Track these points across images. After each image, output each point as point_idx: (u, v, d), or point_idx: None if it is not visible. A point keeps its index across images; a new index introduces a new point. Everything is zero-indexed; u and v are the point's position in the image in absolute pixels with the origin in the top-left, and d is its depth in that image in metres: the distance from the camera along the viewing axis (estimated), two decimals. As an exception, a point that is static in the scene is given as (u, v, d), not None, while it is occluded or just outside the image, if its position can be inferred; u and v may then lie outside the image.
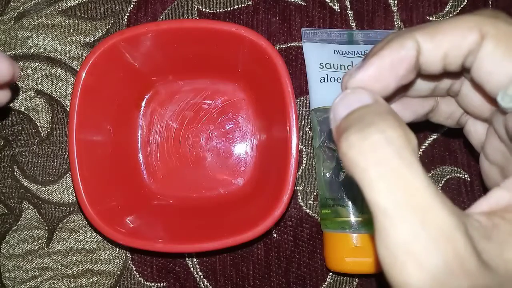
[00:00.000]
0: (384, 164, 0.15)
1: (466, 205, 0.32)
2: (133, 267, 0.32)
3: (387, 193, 0.15)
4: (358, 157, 0.15)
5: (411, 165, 0.15)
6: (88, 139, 0.29)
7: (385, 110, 0.17)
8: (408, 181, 0.15)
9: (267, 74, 0.29)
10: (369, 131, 0.16)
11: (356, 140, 0.16)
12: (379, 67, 0.18)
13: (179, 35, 0.29)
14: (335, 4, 0.33)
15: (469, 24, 0.17)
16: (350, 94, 0.18)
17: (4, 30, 0.33)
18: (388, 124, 0.16)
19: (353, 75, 0.19)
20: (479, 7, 0.33)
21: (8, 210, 0.32)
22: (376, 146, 0.15)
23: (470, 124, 0.23)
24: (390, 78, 0.18)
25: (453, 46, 0.18)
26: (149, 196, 0.32)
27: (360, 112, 0.17)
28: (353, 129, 0.16)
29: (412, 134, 0.16)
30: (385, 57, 0.18)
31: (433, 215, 0.14)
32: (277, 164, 0.29)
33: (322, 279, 0.32)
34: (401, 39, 0.18)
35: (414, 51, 0.18)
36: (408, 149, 0.15)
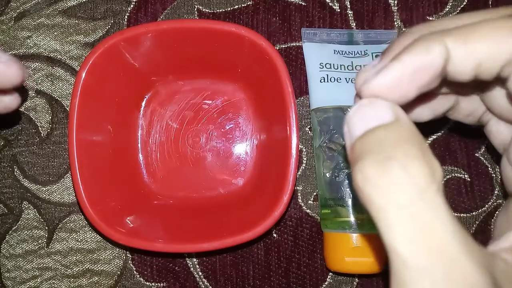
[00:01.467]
0: (404, 206, 0.13)
1: (466, 205, 0.32)
2: (133, 267, 0.32)
3: (408, 242, 0.13)
4: (375, 195, 0.14)
5: (436, 208, 0.13)
6: (88, 139, 0.29)
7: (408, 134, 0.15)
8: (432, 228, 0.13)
9: (267, 74, 0.29)
10: (389, 166, 0.14)
11: (373, 175, 0.14)
12: (400, 73, 0.16)
13: (179, 35, 0.29)
14: (335, 4, 0.33)
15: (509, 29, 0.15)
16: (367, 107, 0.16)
17: (4, 30, 0.33)
18: (410, 156, 0.14)
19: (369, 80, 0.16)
20: (479, 7, 0.33)
21: (8, 210, 0.32)
22: (396, 186, 0.14)
23: (492, 124, 0.21)
24: (411, 86, 0.16)
25: (489, 54, 0.15)
26: (149, 196, 0.32)
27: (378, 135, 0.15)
28: (369, 159, 0.14)
29: (438, 165, 0.14)
30: (407, 62, 0.16)
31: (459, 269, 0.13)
32: (277, 164, 0.29)
33: (322, 279, 0.32)
34: (428, 42, 0.16)
35: (442, 58, 0.16)
36: (432, 187, 0.14)
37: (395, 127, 0.15)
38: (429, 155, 0.14)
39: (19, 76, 0.22)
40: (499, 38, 0.15)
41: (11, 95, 0.25)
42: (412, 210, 0.13)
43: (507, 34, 0.15)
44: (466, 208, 0.32)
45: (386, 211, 0.14)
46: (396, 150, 0.14)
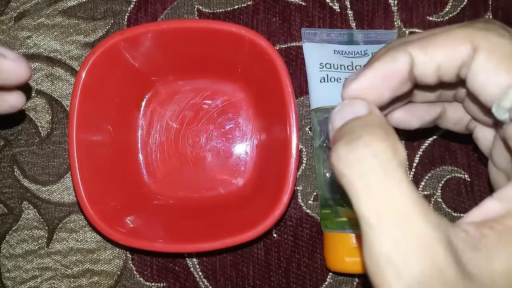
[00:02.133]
0: (368, 177, 0.16)
1: (466, 205, 0.32)
2: (133, 267, 0.32)
3: (371, 206, 0.15)
4: (345, 169, 0.16)
5: (395, 177, 0.15)
6: (88, 139, 0.29)
7: (377, 122, 0.17)
8: (390, 194, 0.15)
9: (267, 74, 0.29)
10: (356, 144, 0.16)
11: (344, 153, 0.16)
12: (372, 78, 0.19)
13: (179, 35, 0.29)
14: (335, 4, 0.33)
15: (460, 37, 0.18)
16: (346, 105, 0.18)
17: (4, 30, 0.33)
18: (375, 137, 0.16)
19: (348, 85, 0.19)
20: (479, 7, 0.33)
21: (8, 210, 0.32)
22: (362, 159, 0.16)
23: (478, 130, 0.23)
24: (384, 89, 0.19)
25: (445, 58, 0.18)
26: (149, 196, 0.32)
27: (351, 124, 0.17)
28: (342, 141, 0.17)
29: (401, 146, 0.16)
30: (377, 69, 0.18)
31: (414, 227, 0.15)
32: (277, 164, 0.29)
33: (322, 279, 0.32)
34: (394, 51, 0.18)
35: (407, 64, 0.18)
36: (393, 162, 0.16)
37: (367, 117, 0.18)
38: (393, 137, 0.16)
39: (26, 74, 0.23)
40: (454, 44, 0.18)
41: (16, 94, 0.25)
42: (373, 179, 0.15)
43: (460, 40, 0.18)
44: (466, 208, 0.32)
45: (353, 181, 0.16)
46: (363, 132, 0.16)
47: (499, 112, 0.17)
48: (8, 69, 0.22)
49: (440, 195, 0.32)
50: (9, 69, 0.22)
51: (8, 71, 0.22)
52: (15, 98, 0.25)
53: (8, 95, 0.25)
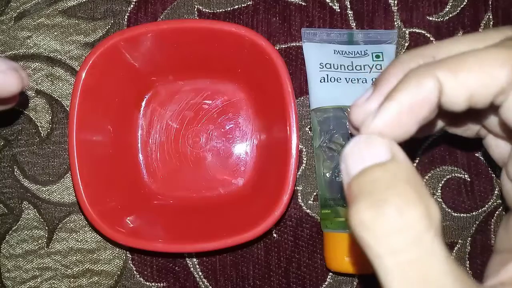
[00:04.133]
0: (401, 254, 0.13)
1: (466, 205, 0.32)
2: (133, 267, 0.32)
3: (405, 287, 0.13)
4: (371, 240, 0.14)
5: (432, 253, 0.13)
6: (88, 139, 0.29)
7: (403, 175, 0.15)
8: (429, 274, 0.13)
9: (267, 74, 0.29)
10: (383, 210, 0.14)
11: (369, 219, 0.14)
12: (398, 112, 0.16)
13: (179, 35, 0.29)
14: (335, 4, 0.33)
15: (499, 60, 0.15)
16: (363, 144, 0.16)
17: (4, 30, 0.33)
18: (406, 200, 0.14)
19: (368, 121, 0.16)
20: (479, 7, 0.33)
21: (8, 210, 0.32)
22: (392, 231, 0.13)
23: (491, 138, 0.21)
24: (411, 122, 0.16)
25: (481, 85, 0.15)
26: (149, 196, 0.32)
27: (374, 175, 0.15)
28: (365, 201, 0.14)
29: (435, 206, 0.14)
30: (403, 100, 0.16)
31: None
32: (277, 164, 0.29)
33: (322, 279, 0.32)
34: (420, 77, 0.16)
35: (436, 91, 0.16)
36: (429, 233, 0.13)
37: (391, 167, 0.15)
38: (426, 197, 0.14)
39: (18, 86, 0.22)
40: (489, 69, 0.15)
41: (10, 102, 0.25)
42: (408, 257, 0.13)
43: (495, 64, 0.15)
44: (466, 208, 0.32)
45: (382, 257, 0.14)
46: (391, 192, 0.14)
47: None
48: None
49: (440, 195, 0.32)
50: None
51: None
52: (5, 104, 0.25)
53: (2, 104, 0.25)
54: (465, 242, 0.32)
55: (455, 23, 0.33)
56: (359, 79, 0.31)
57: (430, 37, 0.33)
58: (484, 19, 0.33)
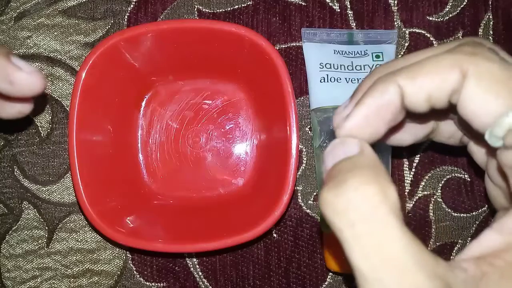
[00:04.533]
0: (357, 226, 0.15)
1: (466, 205, 0.32)
2: (133, 267, 0.32)
3: (363, 257, 0.15)
4: (333, 216, 0.15)
5: (386, 225, 0.15)
6: (88, 139, 0.29)
7: (366, 162, 0.17)
8: (382, 243, 0.15)
9: (267, 74, 0.29)
10: (342, 188, 0.15)
11: (330, 198, 0.16)
12: (365, 115, 0.18)
13: (179, 35, 0.29)
14: (335, 4, 0.33)
15: (449, 64, 0.17)
16: (338, 144, 0.18)
17: (4, 30, 0.33)
18: (363, 180, 0.15)
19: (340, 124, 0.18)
20: (479, 7, 0.33)
21: (8, 210, 0.32)
22: (349, 206, 0.15)
23: (473, 144, 0.23)
24: (379, 123, 0.18)
25: (435, 87, 0.18)
26: (149, 196, 0.32)
27: (340, 165, 0.17)
28: (328, 185, 0.16)
29: (392, 188, 0.16)
30: (369, 104, 0.18)
31: (410, 279, 0.14)
32: (277, 164, 0.29)
33: (322, 279, 0.32)
34: (383, 83, 0.18)
35: (398, 96, 0.18)
36: (383, 207, 0.15)
37: (356, 157, 0.17)
38: (383, 179, 0.16)
39: (41, 86, 0.23)
40: (441, 72, 0.17)
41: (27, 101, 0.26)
42: (363, 228, 0.15)
43: (448, 67, 0.17)
44: (466, 208, 0.32)
45: (342, 230, 0.15)
46: (350, 175, 0.16)
47: (492, 139, 0.17)
48: (23, 82, 0.23)
49: (440, 195, 0.32)
50: (24, 81, 0.23)
51: (23, 83, 0.23)
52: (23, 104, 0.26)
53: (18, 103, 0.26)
54: (465, 242, 0.32)
55: (455, 23, 0.33)
56: (359, 79, 0.31)
57: (430, 37, 0.33)
58: (484, 19, 0.33)
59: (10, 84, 0.23)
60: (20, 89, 0.23)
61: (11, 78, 0.22)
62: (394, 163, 0.32)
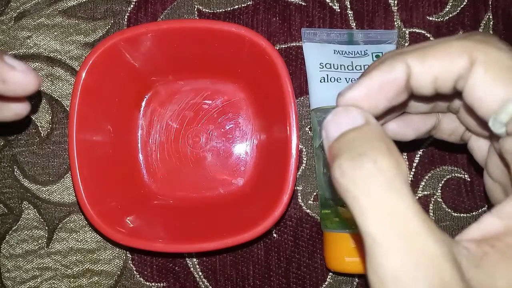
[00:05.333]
0: (374, 194, 0.15)
1: (466, 205, 0.32)
2: (133, 267, 0.32)
3: (377, 222, 0.15)
4: (350, 185, 0.16)
5: (401, 194, 0.15)
6: (88, 139, 0.29)
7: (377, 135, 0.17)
8: (397, 210, 0.15)
9: (267, 74, 0.29)
10: (361, 161, 0.16)
11: (349, 169, 0.16)
12: (368, 87, 0.18)
13: (179, 35, 0.29)
14: (335, 4, 0.33)
15: (459, 49, 0.18)
16: (341, 112, 0.18)
17: (4, 30, 0.33)
18: (379, 152, 0.16)
19: (343, 93, 0.19)
20: (479, 7, 0.33)
21: (8, 210, 0.32)
22: (367, 176, 0.16)
23: (473, 141, 0.23)
24: (380, 99, 0.19)
25: (442, 70, 0.18)
26: (149, 196, 0.32)
27: (352, 136, 0.17)
28: (345, 156, 0.16)
29: (403, 161, 0.16)
30: (374, 78, 0.18)
31: (421, 244, 0.15)
32: (277, 164, 0.29)
33: (322, 279, 0.32)
34: (392, 60, 0.18)
35: (404, 74, 0.18)
36: (398, 178, 0.16)
37: (366, 128, 0.17)
38: (396, 152, 0.16)
39: (35, 85, 0.23)
40: (451, 56, 0.18)
41: (22, 103, 0.26)
42: (380, 197, 0.15)
43: (457, 52, 0.18)
44: (466, 208, 0.32)
45: (359, 198, 0.16)
46: (367, 147, 0.16)
47: (495, 126, 0.17)
48: (16, 80, 0.22)
49: (440, 195, 0.32)
50: (18, 80, 0.23)
51: (16, 82, 0.23)
52: (20, 106, 0.26)
53: (14, 104, 0.25)
54: (465, 242, 0.32)
55: (455, 23, 0.33)
56: (359, 79, 0.31)
57: (430, 37, 0.33)
58: (484, 19, 0.33)
59: (3, 83, 0.22)
60: (14, 88, 0.23)
61: (4, 77, 0.22)
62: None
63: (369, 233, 0.15)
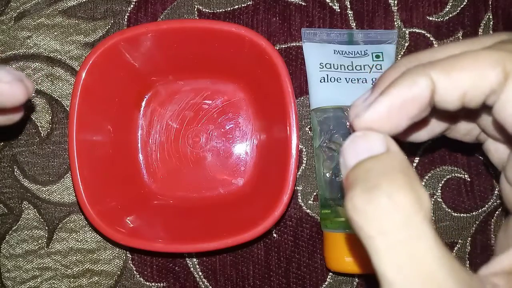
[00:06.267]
0: (391, 235, 0.14)
1: (466, 205, 0.32)
2: (133, 267, 0.32)
3: (395, 267, 0.14)
4: (364, 223, 0.15)
5: (421, 235, 0.14)
6: (88, 139, 0.29)
7: (396, 164, 0.15)
8: (417, 254, 0.14)
9: (267, 74, 0.29)
10: (375, 195, 0.14)
11: (361, 203, 0.15)
12: (389, 106, 0.16)
13: (179, 35, 0.29)
14: (335, 4, 0.33)
15: (490, 61, 0.16)
16: (359, 138, 0.17)
17: (4, 30, 0.33)
18: (396, 186, 0.14)
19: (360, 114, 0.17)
20: (479, 7, 0.33)
21: (8, 210, 0.32)
22: (382, 213, 0.14)
23: (490, 143, 0.22)
24: (402, 118, 0.17)
25: (472, 84, 0.16)
26: (149, 196, 0.32)
27: (367, 166, 0.16)
28: (358, 189, 0.15)
29: (425, 195, 0.15)
30: (395, 95, 0.16)
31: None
32: (277, 164, 0.29)
33: (322, 279, 0.32)
34: (414, 75, 0.16)
35: (428, 90, 0.16)
36: (418, 216, 0.14)
37: (385, 158, 0.16)
38: (417, 184, 0.15)
39: (22, 96, 0.22)
40: (481, 69, 0.16)
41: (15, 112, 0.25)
42: (398, 237, 0.14)
43: (489, 64, 0.16)
44: (466, 208, 0.32)
45: (373, 238, 0.14)
46: (382, 179, 0.15)
47: None
48: (3, 93, 0.22)
49: (440, 195, 0.32)
50: (4, 92, 0.22)
51: (2, 94, 0.22)
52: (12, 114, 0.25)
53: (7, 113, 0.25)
54: (465, 242, 0.32)
55: (455, 23, 0.33)
56: (359, 79, 0.31)
57: (430, 37, 0.33)
58: (484, 19, 0.33)
59: None
60: (2, 101, 0.22)
61: None
62: (394, 163, 0.32)
63: (385, 276, 0.14)
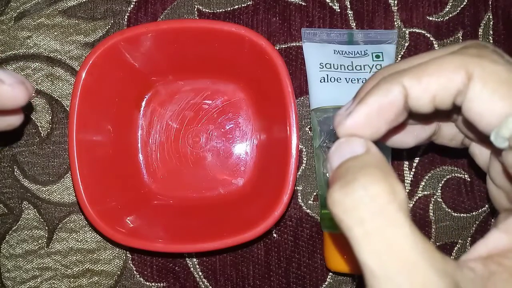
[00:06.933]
0: (367, 223, 0.15)
1: (466, 205, 0.32)
2: (133, 267, 0.32)
3: (372, 254, 0.15)
4: (342, 214, 0.15)
5: (396, 223, 0.15)
6: (88, 139, 0.29)
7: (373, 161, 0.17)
8: (392, 240, 0.15)
9: (267, 74, 0.29)
10: (351, 187, 0.15)
11: (340, 197, 0.16)
12: (367, 114, 0.18)
13: (179, 35, 0.29)
14: (335, 4, 0.33)
15: (454, 65, 0.17)
16: (343, 144, 0.18)
17: (4, 30, 0.33)
18: (371, 178, 0.15)
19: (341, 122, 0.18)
20: (479, 7, 0.33)
21: (8, 210, 0.32)
22: (358, 204, 0.15)
23: (474, 146, 0.23)
24: (380, 123, 0.18)
25: (440, 88, 0.17)
26: (149, 196, 0.32)
27: (347, 164, 0.17)
28: (337, 184, 0.16)
29: (400, 186, 0.16)
30: (371, 103, 0.18)
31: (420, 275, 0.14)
32: (277, 164, 0.29)
33: (322, 279, 0.32)
34: (388, 83, 0.18)
35: (401, 96, 0.18)
36: (392, 204, 0.15)
37: (363, 157, 0.17)
38: (392, 178, 0.16)
39: (24, 98, 0.23)
40: (447, 73, 0.17)
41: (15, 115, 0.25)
42: (373, 225, 0.15)
43: (453, 68, 0.17)
44: (466, 208, 0.32)
45: (352, 227, 0.15)
46: (359, 174, 0.16)
47: (497, 140, 0.17)
48: (4, 95, 0.22)
49: (440, 195, 0.32)
50: (6, 94, 0.22)
51: (4, 96, 0.22)
52: (13, 118, 0.25)
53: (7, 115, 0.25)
54: (465, 242, 0.32)
55: (455, 23, 0.33)
56: (359, 79, 0.31)
57: (430, 37, 0.33)
58: (484, 19, 0.33)
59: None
60: (3, 103, 0.22)
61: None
62: (394, 163, 0.32)
63: (365, 264, 0.15)
